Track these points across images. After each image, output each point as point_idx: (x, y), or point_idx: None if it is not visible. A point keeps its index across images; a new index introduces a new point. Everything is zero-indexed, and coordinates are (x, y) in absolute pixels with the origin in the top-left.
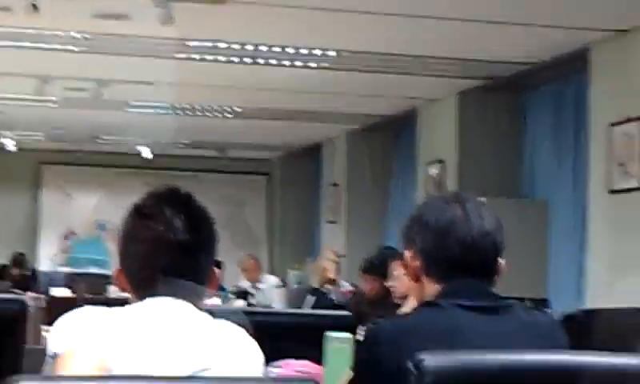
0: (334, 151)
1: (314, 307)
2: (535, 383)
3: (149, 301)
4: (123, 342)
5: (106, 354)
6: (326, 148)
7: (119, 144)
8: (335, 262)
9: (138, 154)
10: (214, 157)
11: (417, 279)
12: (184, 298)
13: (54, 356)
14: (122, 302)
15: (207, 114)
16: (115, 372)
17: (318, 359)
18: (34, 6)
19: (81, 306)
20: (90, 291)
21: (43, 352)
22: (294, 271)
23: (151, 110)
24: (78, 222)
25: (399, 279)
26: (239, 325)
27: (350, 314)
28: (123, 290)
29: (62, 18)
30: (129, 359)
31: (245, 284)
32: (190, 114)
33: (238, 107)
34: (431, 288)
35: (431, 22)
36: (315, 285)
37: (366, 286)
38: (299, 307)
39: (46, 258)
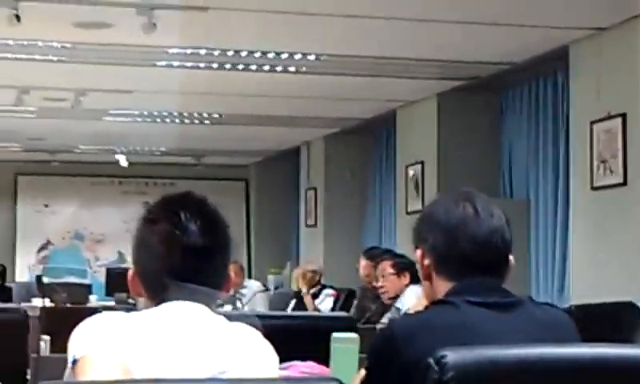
0: (311, 155)
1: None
2: (554, 376)
3: (166, 305)
4: (143, 346)
5: (127, 358)
6: (303, 152)
7: (96, 153)
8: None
9: (115, 163)
10: (190, 164)
11: (428, 277)
12: (200, 301)
13: (75, 361)
14: (101, 310)
15: (185, 120)
16: (136, 375)
17: (320, 360)
18: (17, 17)
19: (96, 312)
20: (71, 301)
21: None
22: (273, 275)
23: (129, 119)
24: (56, 232)
25: (388, 279)
26: (254, 327)
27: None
28: (138, 294)
29: (44, 28)
30: (149, 363)
31: None
32: (168, 121)
33: (217, 114)
34: (442, 286)
35: (410, 25)
36: (295, 289)
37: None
38: (283, 311)
39: (24, 269)
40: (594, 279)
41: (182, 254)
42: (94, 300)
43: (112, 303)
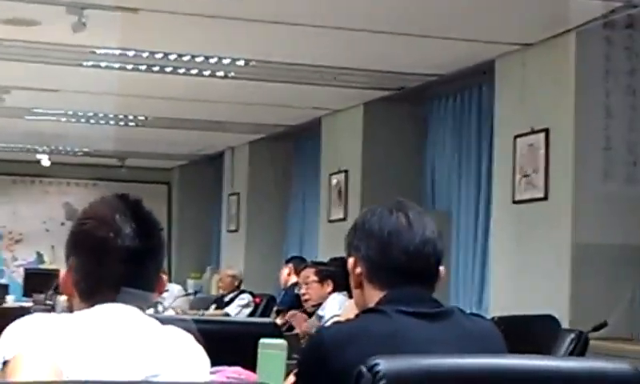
0: (235, 160)
1: None
2: None
3: (98, 307)
4: (75, 348)
5: (59, 359)
6: (227, 157)
7: (17, 152)
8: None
9: (37, 162)
10: (114, 165)
11: (359, 285)
12: (133, 304)
13: (5, 362)
14: (19, 311)
15: (110, 122)
16: (67, 377)
17: (246, 366)
18: None
19: (16, 312)
20: None
21: None
22: (193, 280)
23: (53, 118)
24: None
25: (311, 287)
26: (188, 331)
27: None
28: (69, 295)
29: None
30: (81, 364)
31: None
32: (93, 121)
33: (142, 116)
34: (374, 295)
35: (339, 33)
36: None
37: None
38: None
39: None
40: (513, 291)
41: (116, 257)
42: (10, 300)
43: (29, 304)
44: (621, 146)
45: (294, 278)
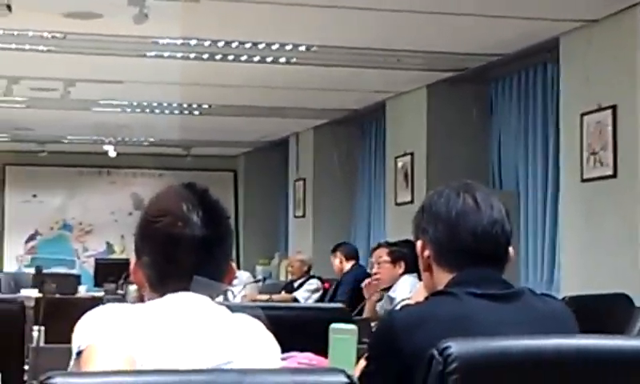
0: (300, 146)
1: None
2: (558, 367)
3: (169, 296)
4: (148, 337)
5: (132, 349)
6: (292, 143)
7: (84, 143)
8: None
9: (104, 153)
10: (179, 155)
11: (428, 268)
12: (202, 292)
13: (80, 352)
14: (91, 301)
15: (175, 111)
16: (141, 367)
17: (317, 351)
18: (8, 7)
19: (90, 302)
20: (59, 291)
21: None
22: (261, 266)
23: (118, 109)
24: (44, 223)
25: (383, 267)
26: (257, 318)
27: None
28: (141, 285)
29: (34, 18)
30: (153, 354)
31: None
32: (158, 111)
33: (207, 104)
34: (442, 277)
35: (399, 16)
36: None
37: None
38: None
39: (12, 260)
40: (584, 271)
41: (185, 247)
42: (82, 290)
43: (101, 294)
44: None
45: (347, 266)
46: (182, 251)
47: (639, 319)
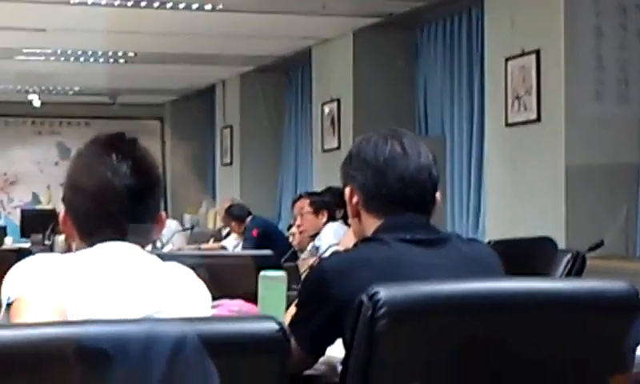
0: (227, 93)
1: None
2: (485, 311)
3: (99, 246)
4: (78, 287)
5: (62, 300)
6: (219, 90)
7: (8, 93)
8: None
9: (28, 103)
10: (105, 103)
11: (356, 215)
12: (133, 242)
13: (9, 304)
14: (19, 252)
15: (100, 59)
16: (72, 317)
17: (248, 299)
18: None
19: (15, 254)
20: None
21: None
22: (189, 215)
23: (42, 58)
24: None
25: (306, 218)
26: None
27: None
28: (70, 236)
29: None
30: (84, 304)
31: None
32: (83, 60)
33: (132, 52)
34: (371, 223)
35: None
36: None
37: None
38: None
39: None
40: (508, 215)
41: (115, 196)
42: (9, 242)
43: (28, 245)
44: (613, 66)
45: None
46: (111, 201)
47: (563, 261)
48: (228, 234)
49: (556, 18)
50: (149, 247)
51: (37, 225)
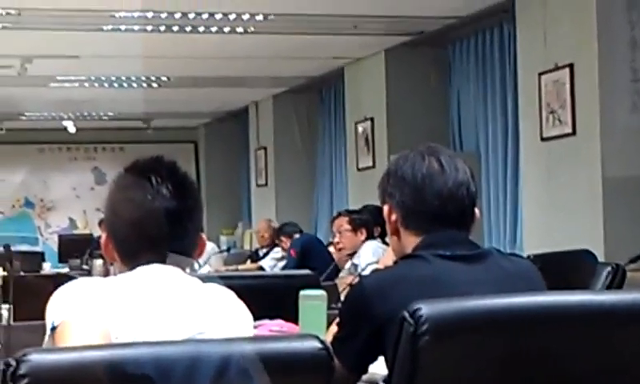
0: (260, 115)
1: None
2: (527, 325)
3: (141, 269)
4: (121, 311)
5: (106, 323)
6: (252, 112)
7: (43, 120)
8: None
9: (63, 129)
10: (139, 128)
11: (396, 233)
12: (174, 264)
13: (54, 328)
14: (58, 277)
15: (134, 84)
16: (116, 340)
17: (287, 318)
18: None
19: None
20: (24, 269)
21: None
22: (225, 236)
23: (76, 84)
24: (5, 201)
25: (344, 235)
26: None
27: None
28: (111, 259)
29: None
30: (128, 327)
31: None
32: (116, 85)
33: (165, 76)
34: (410, 241)
35: None
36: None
37: None
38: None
39: None
40: (545, 229)
41: (155, 219)
42: (47, 267)
43: (66, 270)
44: None
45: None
46: (152, 225)
47: (603, 274)
48: (265, 255)
49: (589, 31)
50: (187, 269)
51: (74, 250)
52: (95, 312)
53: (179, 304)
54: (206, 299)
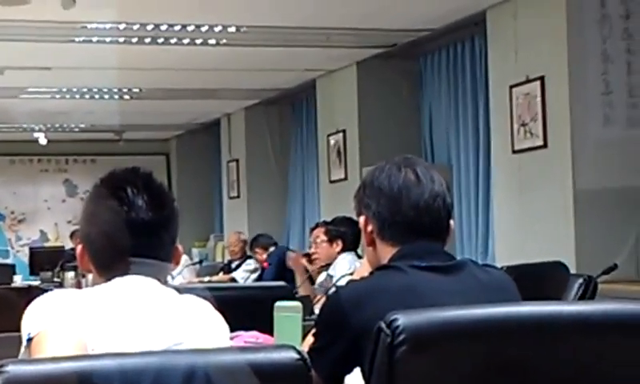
0: (232, 127)
1: None
2: (504, 335)
3: (117, 280)
4: (97, 322)
5: (83, 334)
6: (224, 124)
7: (14, 131)
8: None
9: (35, 141)
10: (111, 140)
11: (371, 243)
12: (150, 275)
13: (30, 339)
14: (29, 290)
15: (105, 96)
16: (92, 351)
17: (263, 330)
18: None
19: (27, 291)
20: None
21: None
22: (197, 249)
23: (48, 96)
24: None
25: (320, 246)
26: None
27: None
28: (87, 270)
29: None
30: (104, 338)
31: None
32: (88, 97)
33: (136, 88)
34: (386, 251)
35: None
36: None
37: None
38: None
39: None
40: (517, 240)
41: (130, 230)
42: (18, 280)
43: (37, 282)
44: (622, 90)
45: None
46: (127, 236)
47: (575, 285)
48: (238, 267)
49: (560, 44)
50: (164, 280)
51: (45, 262)
52: (72, 323)
53: (156, 315)
54: (183, 310)
